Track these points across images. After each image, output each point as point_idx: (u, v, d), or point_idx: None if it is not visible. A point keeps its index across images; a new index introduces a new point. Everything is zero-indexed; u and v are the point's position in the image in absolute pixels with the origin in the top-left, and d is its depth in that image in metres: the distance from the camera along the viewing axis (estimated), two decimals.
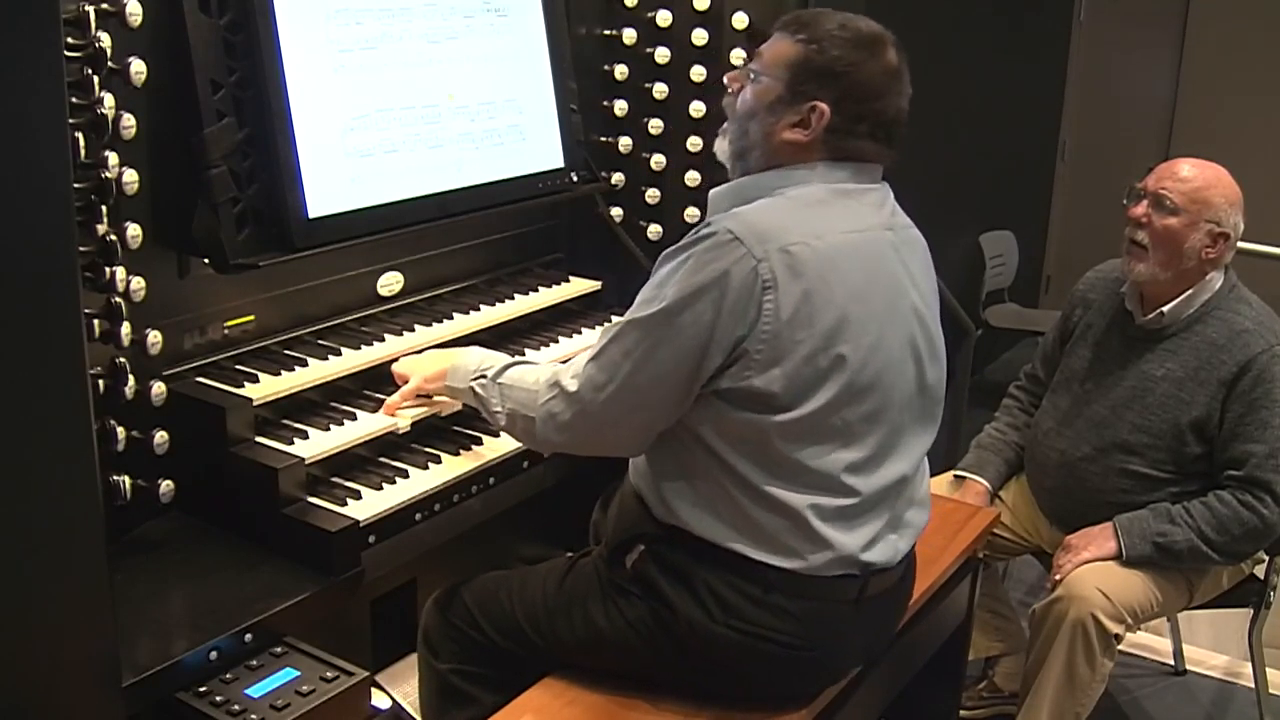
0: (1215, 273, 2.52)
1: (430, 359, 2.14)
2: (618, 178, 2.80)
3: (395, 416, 2.11)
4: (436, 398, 2.14)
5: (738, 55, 2.63)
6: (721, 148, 1.89)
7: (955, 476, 2.76)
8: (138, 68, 1.73)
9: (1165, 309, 2.51)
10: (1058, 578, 2.48)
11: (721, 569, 1.79)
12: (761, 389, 1.70)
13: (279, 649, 1.78)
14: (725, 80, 1.91)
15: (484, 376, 1.99)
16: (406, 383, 2.13)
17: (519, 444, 2.14)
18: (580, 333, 2.56)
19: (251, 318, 2.13)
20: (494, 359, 2.04)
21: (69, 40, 1.61)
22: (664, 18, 2.68)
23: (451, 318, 2.39)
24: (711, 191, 1.87)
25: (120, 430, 1.76)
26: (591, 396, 1.79)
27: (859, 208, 1.80)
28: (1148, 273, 2.51)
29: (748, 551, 1.78)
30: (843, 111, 1.77)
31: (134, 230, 1.74)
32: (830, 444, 1.75)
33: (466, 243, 2.54)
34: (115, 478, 1.74)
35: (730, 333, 1.69)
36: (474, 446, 2.16)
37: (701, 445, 1.77)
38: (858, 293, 1.74)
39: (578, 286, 2.68)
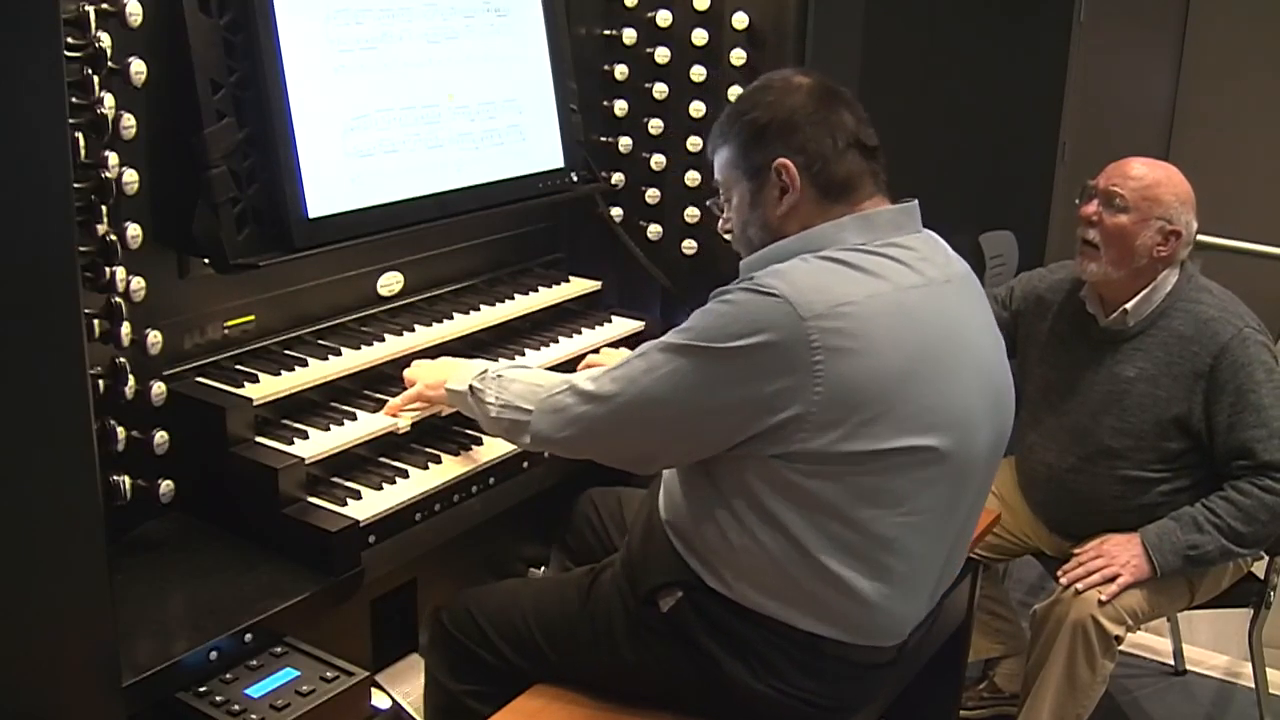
0: (1170, 270, 2.51)
1: (438, 367, 2.14)
2: (618, 178, 2.80)
3: (396, 417, 2.11)
4: (432, 401, 2.13)
5: (738, 56, 2.63)
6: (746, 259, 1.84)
7: None
8: (138, 68, 1.73)
9: (1128, 306, 2.50)
10: (1079, 587, 2.42)
11: (769, 632, 1.76)
12: (817, 451, 1.63)
13: (279, 649, 1.78)
14: (719, 228, 1.90)
15: (485, 373, 1.98)
16: (413, 386, 2.12)
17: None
18: (580, 333, 2.56)
19: (251, 318, 2.13)
20: (500, 364, 2.04)
21: (69, 40, 1.61)
22: (664, 18, 2.68)
23: (451, 318, 2.39)
24: (742, 262, 1.81)
25: (120, 430, 1.76)
26: (602, 399, 1.75)
27: (911, 261, 1.72)
28: (1100, 272, 2.50)
29: (799, 623, 1.74)
30: (798, 148, 1.73)
31: (134, 230, 1.73)
32: (894, 507, 1.68)
33: (466, 243, 2.54)
34: (115, 478, 1.74)
35: (762, 394, 1.61)
36: (474, 447, 2.16)
37: (767, 518, 1.69)
38: (918, 353, 1.66)
39: (578, 286, 2.68)
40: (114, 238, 1.70)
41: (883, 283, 1.68)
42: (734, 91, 2.62)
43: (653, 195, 2.78)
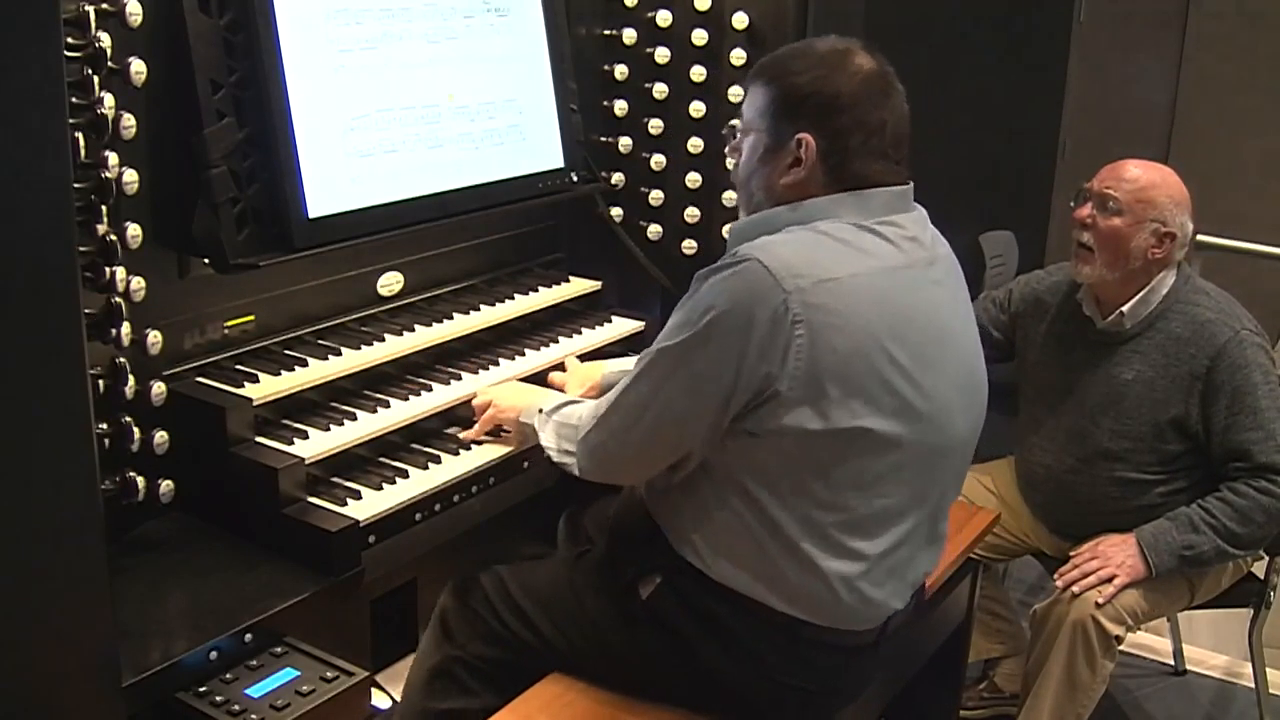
0: (1167, 272, 2.50)
1: (511, 393, 2.16)
2: (618, 178, 2.80)
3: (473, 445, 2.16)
4: (506, 428, 2.16)
5: (738, 56, 2.63)
6: (741, 217, 1.84)
7: None
8: (138, 68, 1.73)
9: (1125, 308, 2.50)
10: (1075, 590, 2.42)
11: (747, 616, 1.76)
12: (795, 427, 1.63)
13: (279, 649, 1.78)
14: (726, 152, 1.88)
15: (540, 411, 1.99)
16: (485, 411, 2.15)
17: (519, 444, 2.15)
18: (580, 333, 2.56)
19: (251, 318, 2.13)
20: (558, 398, 2.05)
21: (69, 40, 1.61)
22: (664, 18, 2.68)
23: (451, 318, 2.39)
24: (731, 227, 1.81)
25: (120, 430, 1.76)
26: (628, 429, 1.76)
27: (898, 240, 1.71)
28: (1094, 274, 2.50)
29: (775, 605, 1.74)
30: (826, 132, 1.70)
31: (134, 230, 1.73)
32: (866, 489, 1.69)
33: (466, 243, 2.54)
34: (115, 478, 1.74)
35: (757, 369, 1.62)
36: (474, 446, 2.16)
37: (741, 493, 1.70)
38: (898, 334, 1.66)
39: (578, 286, 2.68)
40: (114, 238, 1.70)
41: (868, 260, 1.67)
42: (734, 92, 2.62)
43: (653, 196, 2.78)
